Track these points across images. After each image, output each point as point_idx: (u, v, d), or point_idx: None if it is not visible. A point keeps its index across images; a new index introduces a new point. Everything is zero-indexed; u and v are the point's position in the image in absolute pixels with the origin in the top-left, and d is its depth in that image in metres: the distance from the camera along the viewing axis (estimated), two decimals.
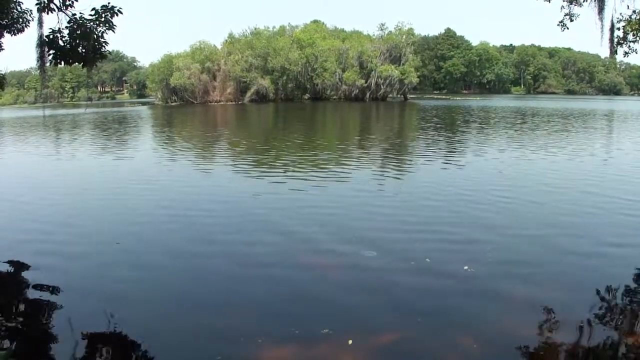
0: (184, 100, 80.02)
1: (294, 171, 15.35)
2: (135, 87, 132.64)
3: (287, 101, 78.09)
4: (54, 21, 7.66)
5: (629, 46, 11.00)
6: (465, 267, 7.15)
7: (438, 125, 32.91)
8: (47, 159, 20.50)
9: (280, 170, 15.56)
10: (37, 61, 8.01)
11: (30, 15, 8.43)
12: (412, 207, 10.73)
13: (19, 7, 8.44)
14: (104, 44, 7.87)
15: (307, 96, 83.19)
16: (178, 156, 20.02)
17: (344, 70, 77.93)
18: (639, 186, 12.91)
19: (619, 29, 10.59)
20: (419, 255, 7.64)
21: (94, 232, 9.33)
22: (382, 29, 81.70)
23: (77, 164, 18.92)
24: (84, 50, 7.74)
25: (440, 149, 20.64)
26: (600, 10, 9.86)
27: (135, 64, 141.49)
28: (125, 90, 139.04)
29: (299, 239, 8.73)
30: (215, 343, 5.31)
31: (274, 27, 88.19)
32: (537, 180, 13.69)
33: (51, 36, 7.67)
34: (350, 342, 5.22)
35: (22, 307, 6.56)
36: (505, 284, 6.68)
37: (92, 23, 7.68)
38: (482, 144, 22.29)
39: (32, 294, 6.78)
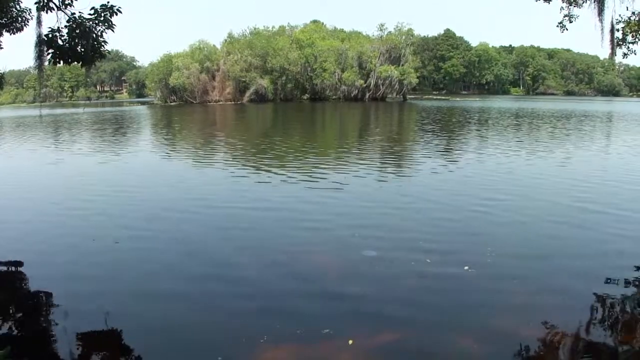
0: (183, 100, 79.97)
1: (290, 174, 15.32)
2: (134, 86, 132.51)
3: (286, 101, 78.03)
4: (53, 20, 7.62)
5: (628, 47, 11.02)
6: (466, 268, 7.15)
7: (436, 128, 32.90)
8: (44, 160, 20.45)
9: (274, 173, 15.53)
10: (36, 60, 7.96)
11: (29, 14, 8.40)
12: (412, 209, 10.72)
13: (18, 6, 8.40)
14: (103, 43, 7.84)
15: (306, 96, 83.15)
16: (172, 159, 19.97)
17: (343, 71, 77.96)
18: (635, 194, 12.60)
19: (618, 30, 10.59)
20: (420, 256, 7.63)
21: (91, 234, 9.30)
22: (381, 30, 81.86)
23: (64, 166, 18.87)
24: (83, 50, 7.70)
25: (435, 152, 20.64)
26: (600, 11, 9.85)
27: (134, 63, 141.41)
28: (125, 90, 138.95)
29: (298, 240, 8.73)
30: (216, 343, 5.31)
31: (273, 27, 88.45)
32: (536, 184, 13.71)
33: (50, 35, 7.65)
34: (350, 342, 5.21)
35: (19, 307, 6.53)
36: (506, 286, 6.68)
37: (91, 22, 7.66)
38: (478, 148, 22.24)
39: (29, 294, 6.76)
